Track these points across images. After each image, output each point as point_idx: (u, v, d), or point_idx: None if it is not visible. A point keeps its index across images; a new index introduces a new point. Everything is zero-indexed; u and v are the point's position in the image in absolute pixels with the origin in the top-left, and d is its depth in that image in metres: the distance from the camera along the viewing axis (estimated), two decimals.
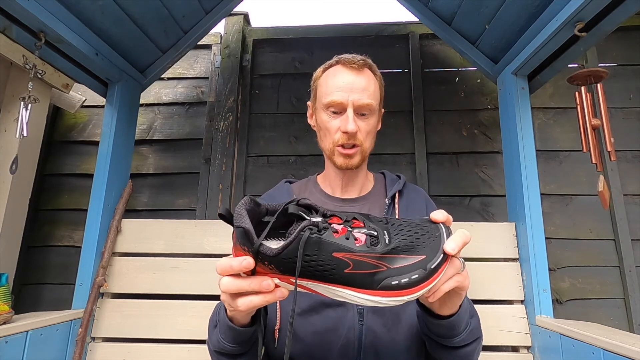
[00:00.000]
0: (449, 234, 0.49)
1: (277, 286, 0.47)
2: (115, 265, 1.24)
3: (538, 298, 1.09)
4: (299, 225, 0.46)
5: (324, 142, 0.83)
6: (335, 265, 0.45)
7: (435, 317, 0.58)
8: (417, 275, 0.45)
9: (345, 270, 0.45)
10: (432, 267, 0.46)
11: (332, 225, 0.48)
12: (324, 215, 0.50)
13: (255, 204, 0.50)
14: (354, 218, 0.50)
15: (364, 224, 0.50)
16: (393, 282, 0.45)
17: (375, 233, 0.48)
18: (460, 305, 0.57)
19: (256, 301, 0.47)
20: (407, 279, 0.45)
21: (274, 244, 0.47)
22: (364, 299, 0.46)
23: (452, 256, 0.48)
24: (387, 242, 0.47)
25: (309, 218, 0.48)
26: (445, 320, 0.57)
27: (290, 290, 0.48)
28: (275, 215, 0.49)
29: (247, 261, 0.45)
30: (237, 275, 0.47)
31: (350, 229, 0.48)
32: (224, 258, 0.48)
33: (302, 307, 0.73)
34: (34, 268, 1.67)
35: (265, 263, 0.46)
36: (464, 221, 1.26)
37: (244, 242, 0.45)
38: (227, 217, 0.48)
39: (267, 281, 0.46)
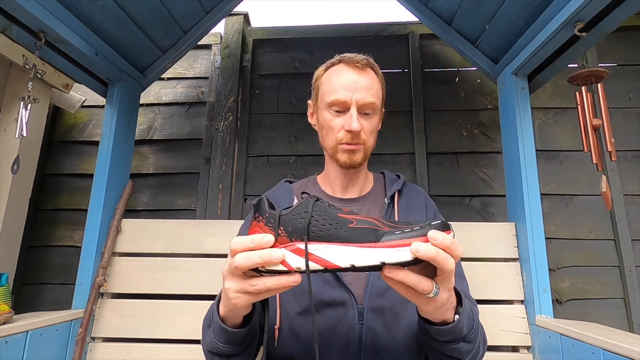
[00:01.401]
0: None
1: (289, 269, 0.48)
2: (115, 265, 1.24)
3: (538, 298, 1.09)
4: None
5: (327, 140, 0.82)
6: (339, 221, 0.49)
7: (423, 319, 0.59)
8: (419, 228, 0.47)
9: (349, 225, 0.49)
10: (433, 223, 0.47)
11: (339, 208, 0.54)
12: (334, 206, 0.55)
13: (270, 204, 0.55)
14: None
15: None
16: (396, 233, 0.47)
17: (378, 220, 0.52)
18: (456, 319, 0.57)
19: (269, 283, 0.49)
20: (409, 230, 0.47)
21: None
22: (369, 255, 0.46)
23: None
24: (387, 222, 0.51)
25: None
26: (429, 325, 0.58)
27: (302, 274, 0.49)
28: (300, 198, 0.56)
29: (268, 238, 0.48)
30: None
31: (355, 213, 0.53)
32: (242, 236, 0.50)
33: (302, 306, 0.73)
34: (34, 268, 1.67)
35: (279, 228, 0.50)
36: (464, 221, 1.26)
37: (261, 210, 0.52)
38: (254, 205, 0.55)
39: (277, 252, 0.47)
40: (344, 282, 0.73)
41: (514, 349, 1.12)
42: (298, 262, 0.48)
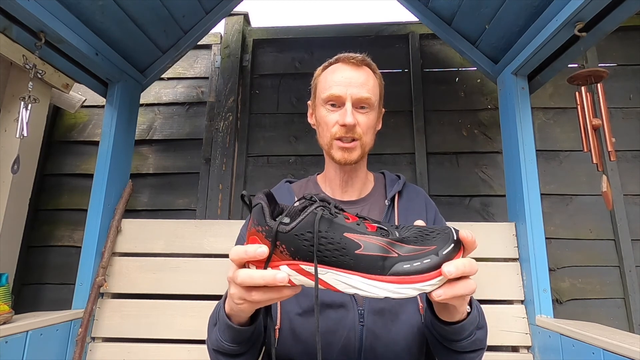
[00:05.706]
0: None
1: (292, 285, 0.48)
2: (115, 265, 1.24)
3: (538, 298, 1.09)
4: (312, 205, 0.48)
5: (323, 137, 0.82)
6: (345, 245, 0.46)
7: (442, 322, 0.59)
8: (429, 260, 0.45)
9: (356, 251, 0.45)
10: (444, 252, 0.45)
11: (343, 213, 0.49)
12: (337, 208, 0.51)
13: (273, 199, 0.52)
14: (364, 219, 0.51)
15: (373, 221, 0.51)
16: (405, 266, 0.45)
17: (385, 228, 0.49)
18: (468, 314, 0.58)
19: (271, 295, 0.48)
20: (419, 263, 0.45)
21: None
22: (375, 287, 0.45)
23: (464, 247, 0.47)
24: (397, 235, 0.48)
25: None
26: (449, 326, 0.58)
27: (303, 285, 0.48)
28: (297, 202, 0.51)
29: (262, 249, 0.46)
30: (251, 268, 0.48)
31: (361, 219, 0.49)
32: (238, 246, 0.49)
33: (303, 307, 0.73)
34: (34, 268, 1.67)
35: (277, 244, 0.46)
36: (464, 221, 1.26)
37: (260, 220, 0.48)
38: (247, 201, 0.51)
39: (281, 274, 0.46)
40: None
41: (514, 349, 1.12)
42: (301, 280, 0.47)
